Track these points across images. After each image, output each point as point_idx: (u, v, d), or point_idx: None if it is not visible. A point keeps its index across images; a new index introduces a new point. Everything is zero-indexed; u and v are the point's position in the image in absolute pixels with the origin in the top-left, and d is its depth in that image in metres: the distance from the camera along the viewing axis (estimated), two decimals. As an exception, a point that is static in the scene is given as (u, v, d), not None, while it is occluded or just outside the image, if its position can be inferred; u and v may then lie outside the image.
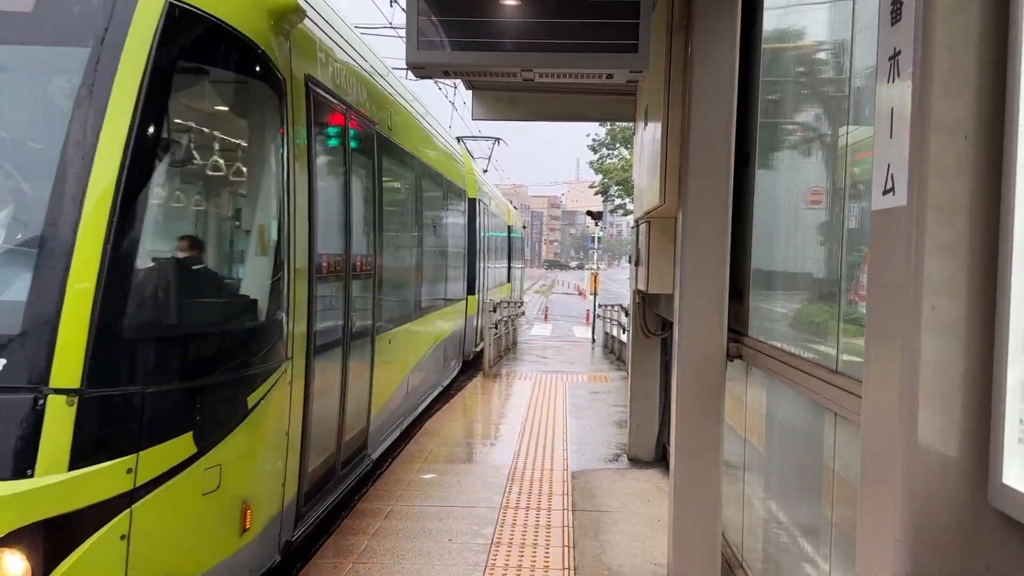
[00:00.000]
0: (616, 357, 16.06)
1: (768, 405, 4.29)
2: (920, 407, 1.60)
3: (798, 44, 4.28)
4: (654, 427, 7.59)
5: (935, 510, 1.59)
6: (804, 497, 3.72)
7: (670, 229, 5.37)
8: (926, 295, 1.60)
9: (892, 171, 1.69)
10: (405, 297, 8.25)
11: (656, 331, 7.38)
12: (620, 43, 4.08)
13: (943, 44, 1.59)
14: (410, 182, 8.62)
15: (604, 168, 33.17)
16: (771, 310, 4.31)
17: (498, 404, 11.04)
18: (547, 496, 6.31)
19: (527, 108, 8.10)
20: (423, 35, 4.12)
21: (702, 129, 4.30)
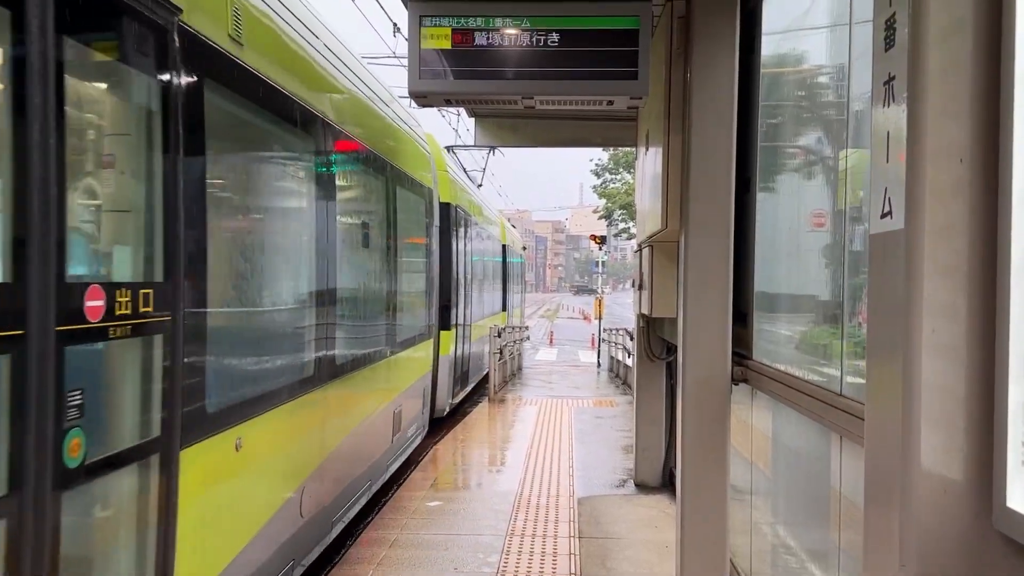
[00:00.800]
0: (622, 381, 16.01)
1: (774, 428, 4.27)
2: (922, 430, 1.60)
3: (797, 69, 4.32)
4: (660, 452, 7.55)
5: (940, 535, 1.58)
6: (812, 521, 3.69)
7: (673, 253, 5.38)
8: (926, 317, 1.60)
9: (889, 195, 1.71)
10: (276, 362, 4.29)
11: (661, 355, 7.36)
12: (620, 70, 4.12)
13: (936, 69, 1.61)
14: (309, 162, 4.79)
15: (607, 193, 33.31)
16: (775, 333, 4.31)
17: (503, 430, 11.00)
18: (553, 523, 6.27)
19: (529, 135, 8.16)
20: (425, 64, 4.17)
21: (703, 154, 4.32)
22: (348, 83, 5.69)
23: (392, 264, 6.90)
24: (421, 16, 4.12)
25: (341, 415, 5.37)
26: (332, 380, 5.00)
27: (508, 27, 4.14)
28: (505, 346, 15.10)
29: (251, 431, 3.72)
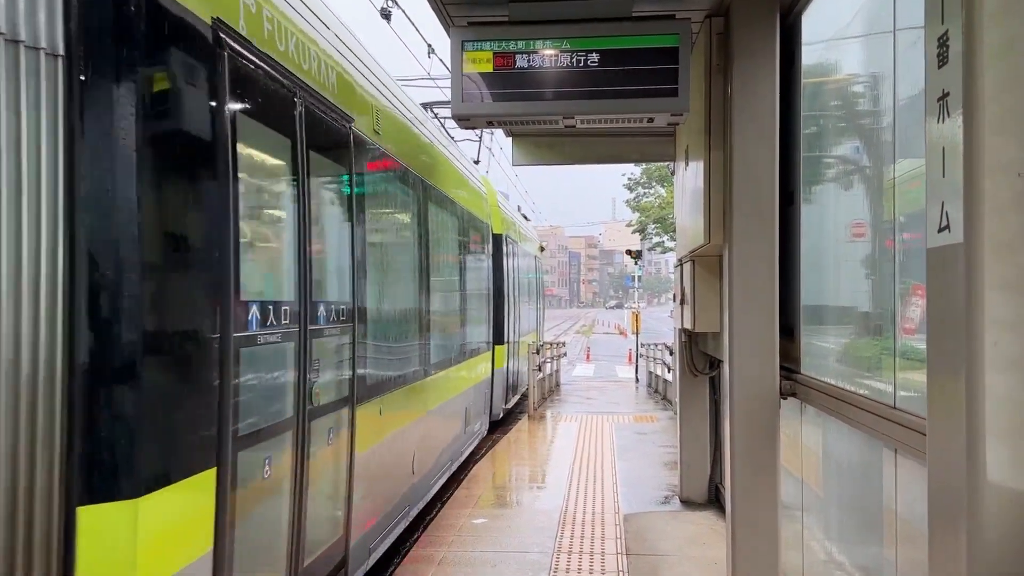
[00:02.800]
0: (661, 396, 15.91)
1: (824, 444, 4.23)
2: (988, 443, 1.60)
3: (839, 78, 4.32)
4: (706, 468, 7.50)
5: (1009, 548, 1.58)
6: (864, 537, 3.65)
7: (715, 267, 5.38)
8: (988, 331, 1.61)
9: (946, 209, 1.72)
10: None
11: (704, 370, 7.33)
12: (660, 88, 4.16)
13: (991, 85, 1.62)
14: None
15: (641, 207, 33.22)
16: (823, 346, 4.28)
17: (544, 446, 10.99)
18: (600, 540, 6.25)
19: (566, 152, 8.20)
20: (468, 87, 4.24)
21: (745, 167, 4.34)
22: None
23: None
24: (463, 41, 4.20)
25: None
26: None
27: (548, 48, 4.21)
28: (544, 362, 15.11)
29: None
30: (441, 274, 7.98)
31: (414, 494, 6.40)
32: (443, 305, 7.85)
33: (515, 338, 13.39)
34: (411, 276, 6.49)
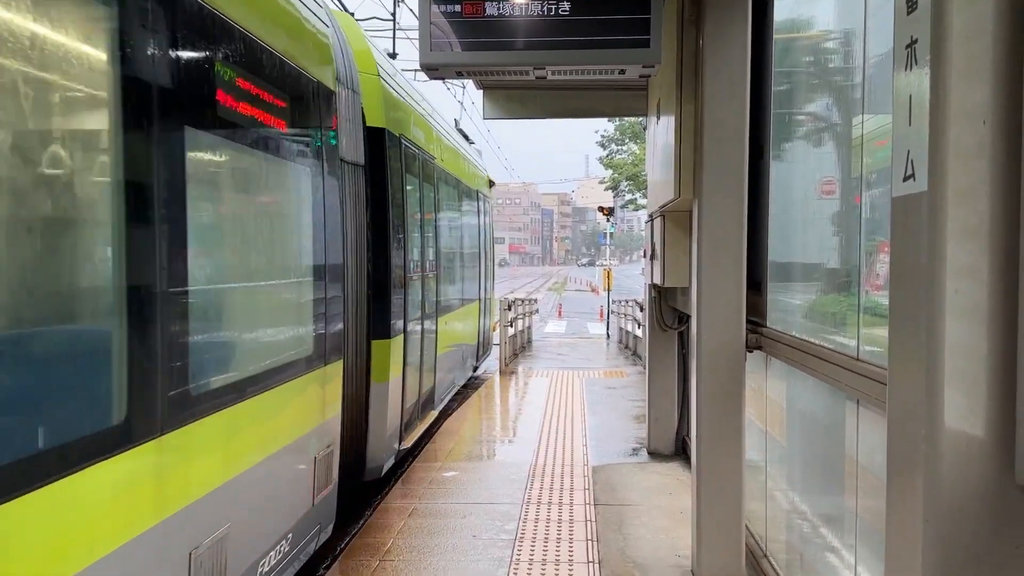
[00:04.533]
0: (631, 352, 16.07)
1: (788, 396, 4.30)
2: (946, 390, 1.62)
3: (810, 34, 4.29)
4: (673, 421, 7.61)
5: (963, 490, 1.61)
6: (827, 487, 3.73)
7: (685, 222, 5.39)
8: (949, 279, 1.62)
9: (912, 157, 1.72)
10: None
11: (672, 325, 7.40)
12: (632, 38, 4.10)
13: (959, 31, 1.61)
14: None
15: (614, 163, 33.15)
16: (789, 301, 4.33)
17: (516, 401, 11.08)
18: (569, 491, 6.34)
19: (538, 106, 8.12)
20: (436, 36, 4.16)
21: (715, 122, 4.32)
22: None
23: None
24: (432, -13, 4.09)
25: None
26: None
27: (519, -4, 4.12)
28: (515, 319, 15.15)
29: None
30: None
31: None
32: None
33: (424, 326, 7.76)
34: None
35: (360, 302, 5.89)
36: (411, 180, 7.19)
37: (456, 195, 10.40)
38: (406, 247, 6.78)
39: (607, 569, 4.73)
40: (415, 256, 7.36)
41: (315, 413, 4.44)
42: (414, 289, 7.19)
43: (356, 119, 5.80)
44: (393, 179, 6.43)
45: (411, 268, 7.03)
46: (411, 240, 7.15)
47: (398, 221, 6.53)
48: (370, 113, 6.14)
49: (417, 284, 7.36)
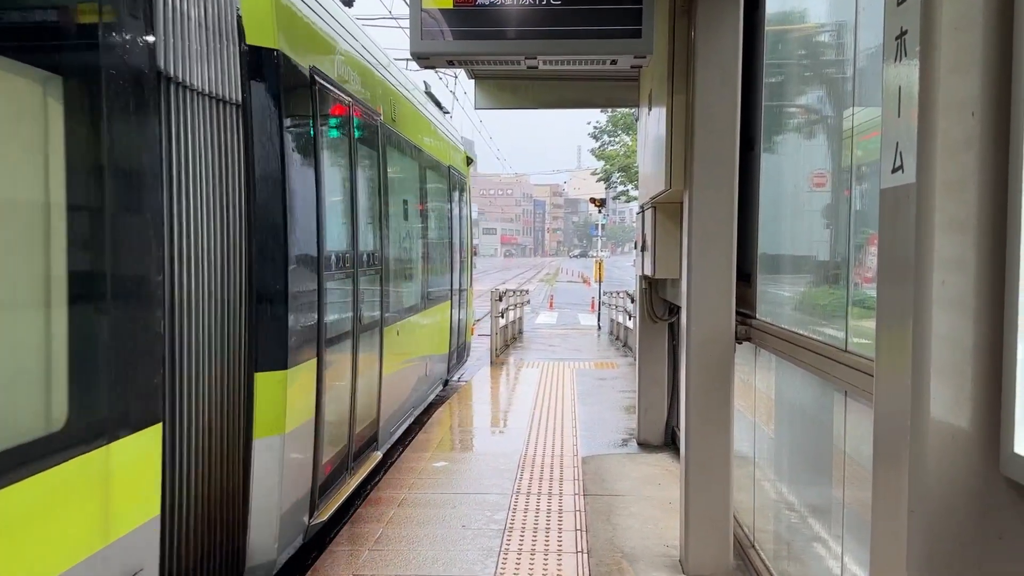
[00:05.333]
0: (622, 344, 16.10)
1: (777, 387, 4.32)
2: (932, 381, 1.63)
3: (802, 26, 4.29)
4: (663, 411, 7.63)
5: (948, 481, 1.62)
6: (814, 478, 3.75)
7: (676, 214, 5.40)
8: (936, 270, 1.63)
9: (900, 149, 1.72)
10: None
11: (663, 316, 7.41)
12: (623, 28, 4.09)
13: (949, 23, 1.61)
14: None
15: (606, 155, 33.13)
16: (779, 293, 4.34)
17: (506, 392, 11.09)
18: (558, 481, 6.36)
19: (530, 96, 8.10)
20: (426, 25, 4.13)
21: (707, 113, 4.32)
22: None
23: None
24: (423, -25, 4.07)
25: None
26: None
27: (511, -14, 4.10)
28: (506, 310, 15.15)
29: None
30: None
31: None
32: None
33: (359, 341, 5.62)
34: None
35: (229, 315, 3.82)
36: (335, 138, 5.25)
37: (417, 169, 8.25)
38: (321, 231, 4.68)
39: (595, 559, 4.75)
40: (341, 244, 5.32)
41: (72, 544, 2.55)
42: (339, 290, 5.17)
43: (220, 28, 3.81)
44: (294, 129, 4.38)
45: (334, 261, 5.02)
46: (334, 222, 5.19)
47: (306, 192, 4.50)
48: (254, 25, 4.14)
49: (344, 283, 5.28)
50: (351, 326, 5.44)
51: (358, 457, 5.80)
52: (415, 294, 8.20)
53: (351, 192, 5.52)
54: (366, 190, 6.07)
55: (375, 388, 6.20)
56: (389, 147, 6.75)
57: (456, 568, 4.62)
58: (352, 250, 5.47)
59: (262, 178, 4.07)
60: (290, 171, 4.27)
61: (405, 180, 7.81)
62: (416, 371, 8.18)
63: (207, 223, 3.64)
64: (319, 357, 4.66)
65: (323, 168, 4.79)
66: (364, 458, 6.01)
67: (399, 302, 7.30)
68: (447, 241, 10.26)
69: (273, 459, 4.12)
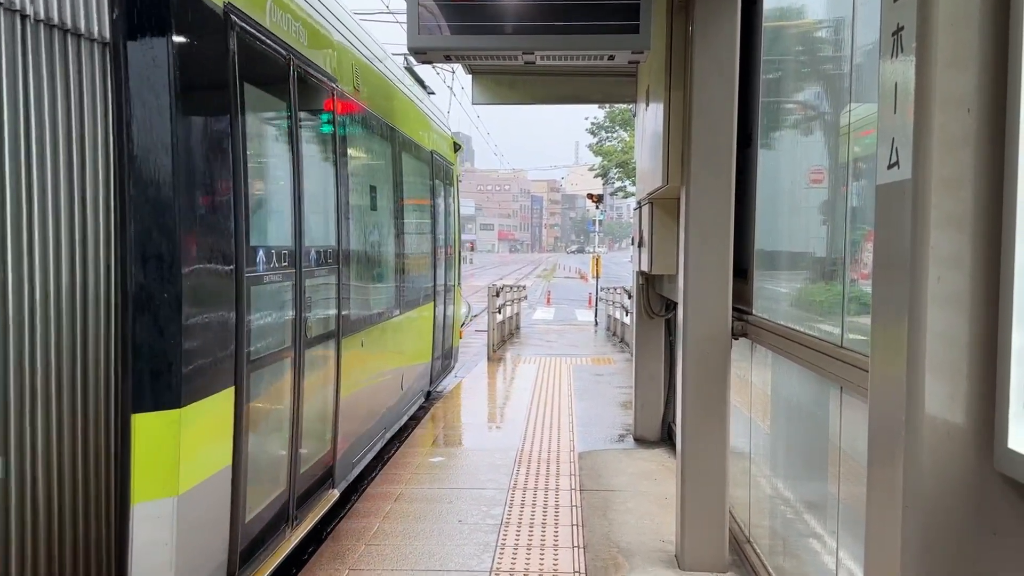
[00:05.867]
0: (619, 339, 16.11)
1: (773, 383, 4.33)
2: (927, 377, 1.63)
3: (799, 23, 4.29)
4: (659, 407, 7.64)
5: (942, 476, 1.62)
6: (810, 473, 3.76)
7: (673, 210, 5.40)
8: (931, 267, 1.63)
9: (896, 145, 1.72)
10: None
11: (660, 312, 7.42)
12: (621, 24, 4.09)
13: (945, 19, 1.61)
14: None
15: (603, 151, 33.12)
16: (775, 289, 4.34)
17: (503, 387, 11.10)
18: (555, 477, 6.37)
19: (527, 92, 8.09)
20: (424, 19, 4.13)
21: (704, 109, 4.31)
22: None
23: None
24: (420, -30, 4.07)
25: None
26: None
27: (508, -20, 4.10)
28: (503, 306, 15.16)
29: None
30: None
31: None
32: None
33: (301, 358, 4.49)
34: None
35: (88, 334, 2.97)
36: (267, 102, 4.20)
37: (389, 151, 7.06)
38: (241, 220, 3.62)
39: (591, 554, 4.76)
40: (278, 236, 4.28)
41: None
42: (272, 295, 4.11)
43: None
44: (197, 82, 3.38)
45: (263, 258, 3.93)
46: (266, 209, 4.27)
47: (216, 169, 3.48)
48: None
49: (281, 286, 4.21)
50: (292, 340, 4.33)
51: (305, 502, 4.65)
52: (387, 296, 6.99)
53: (294, 173, 4.36)
54: (317, 172, 4.91)
55: (329, 414, 5.08)
56: (351, 122, 5.64)
57: (453, 563, 4.63)
58: (295, 244, 4.34)
59: (143, 147, 3.05)
60: (188, 139, 3.26)
61: (374, 164, 6.61)
62: (389, 387, 7.07)
63: (47, 206, 2.79)
64: (239, 384, 3.58)
65: (247, 140, 3.71)
66: (314, 501, 4.84)
67: (365, 306, 6.11)
68: (429, 235, 9.08)
69: (161, 530, 3.09)
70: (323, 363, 4.98)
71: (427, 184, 9.02)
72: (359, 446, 5.97)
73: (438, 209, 9.64)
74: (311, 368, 4.64)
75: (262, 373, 3.96)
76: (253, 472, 3.83)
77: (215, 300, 3.44)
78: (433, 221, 9.32)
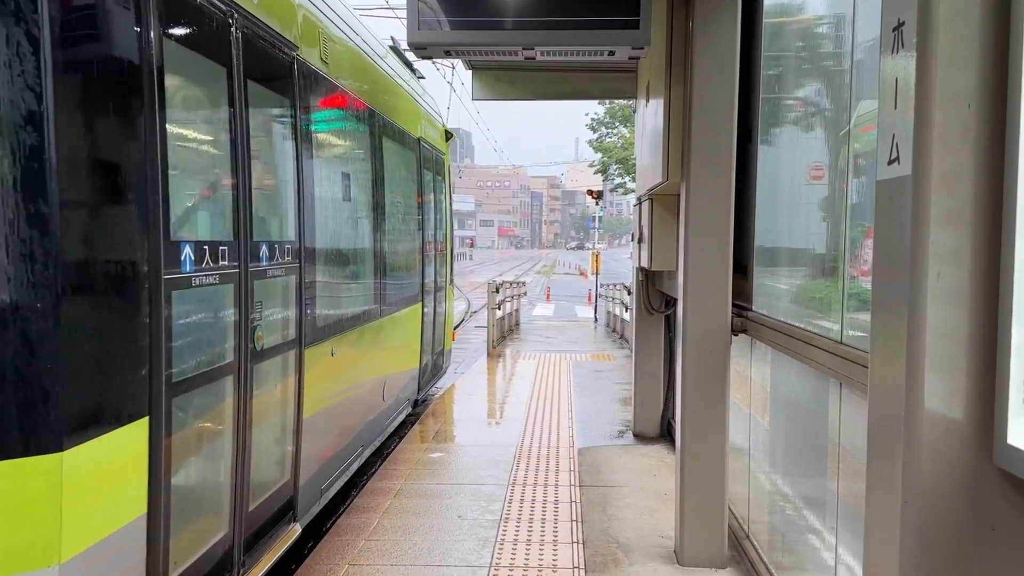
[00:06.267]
0: (619, 336, 16.12)
1: (772, 380, 4.33)
2: (926, 372, 1.64)
3: (800, 18, 4.28)
4: (659, 403, 7.65)
5: (941, 472, 1.63)
6: (809, 470, 3.77)
7: (673, 206, 5.40)
8: (931, 263, 1.63)
9: (897, 141, 1.72)
10: None
11: (660, 308, 7.42)
12: (621, 19, 4.09)
13: (946, 15, 1.61)
14: None
15: (603, 147, 33.08)
16: (775, 285, 4.34)
17: (503, 383, 11.11)
18: (554, 472, 6.38)
19: (527, 87, 8.07)
20: (424, 15, 4.13)
21: (704, 105, 4.31)
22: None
23: None
24: (420, -35, 4.06)
25: None
26: None
27: (508, -24, 4.09)
28: (503, 302, 15.16)
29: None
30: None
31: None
32: None
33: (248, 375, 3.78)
34: None
35: None
36: (195, 60, 3.43)
37: (366, 135, 6.30)
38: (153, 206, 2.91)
39: (591, 549, 4.76)
40: (214, 228, 3.66)
41: None
42: (205, 300, 3.47)
43: None
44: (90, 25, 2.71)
45: (192, 254, 3.25)
46: (197, 195, 3.66)
47: (117, 138, 2.82)
48: None
49: (221, 289, 3.55)
50: (236, 354, 3.61)
51: (256, 543, 3.94)
52: (365, 298, 6.20)
53: (237, 155, 3.62)
54: (271, 155, 4.31)
55: (289, 437, 4.40)
56: (313, 96, 4.83)
57: (452, 558, 4.64)
58: (238, 239, 3.61)
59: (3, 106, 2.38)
60: (75, 101, 2.59)
61: (346, 148, 5.82)
62: (367, 399, 6.28)
63: None
64: (155, 413, 2.92)
65: (168, 109, 3.03)
66: (271, 540, 4.13)
67: (336, 310, 5.36)
68: (416, 229, 8.27)
69: None
70: (279, 378, 4.28)
71: (414, 174, 8.24)
72: (329, 469, 5.20)
73: (426, 201, 8.83)
74: (262, 385, 3.97)
75: (191, 396, 3.28)
76: (180, 519, 3.13)
77: (115, 308, 2.74)
78: (421, 214, 8.50)
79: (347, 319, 5.58)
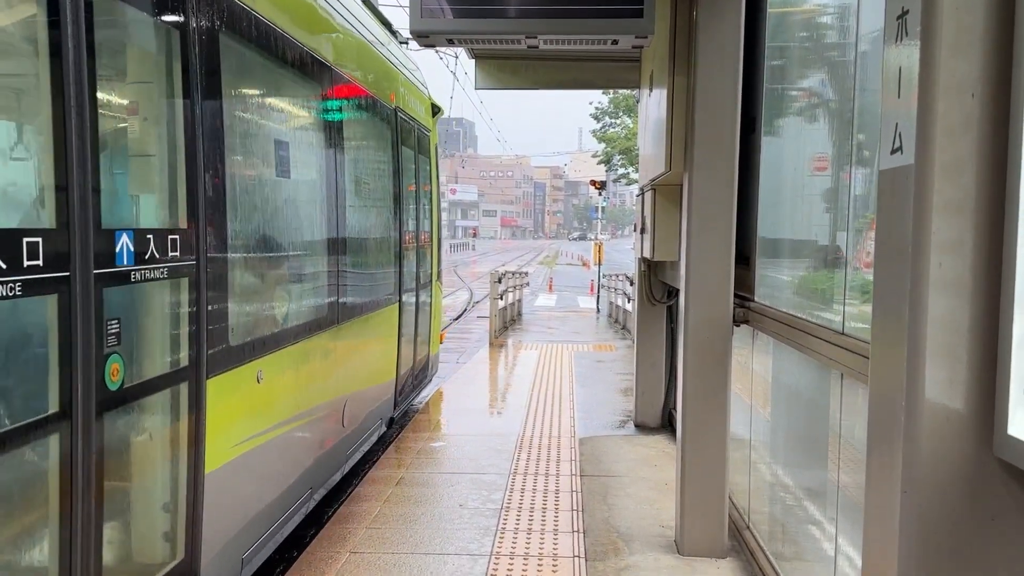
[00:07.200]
0: (621, 326, 16.12)
1: (774, 370, 4.33)
2: (927, 362, 1.63)
3: (804, 8, 4.26)
4: (660, 394, 7.65)
5: (941, 462, 1.63)
6: (809, 460, 3.77)
7: (676, 196, 5.38)
8: (933, 252, 1.63)
9: (900, 130, 1.71)
10: None
11: (662, 299, 7.41)
12: (625, 8, 4.06)
13: (950, 3, 1.60)
14: None
15: (607, 137, 32.98)
16: (777, 276, 4.34)
17: (505, 373, 11.12)
18: (555, 462, 6.39)
19: (530, 77, 8.05)
20: (426, 3, 4.10)
21: (707, 95, 4.30)
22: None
23: None
24: (423, -48, 4.04)
25: None
26: None
27: (511, -37, 4.06)
28: (505, 292, 15.16)
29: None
30: None
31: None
32: None
33: (101, 437, 2.59)
34: None
35: None
36: None
37: (322, 102, 5.00)
38: None
39: (591, 538, 4.78)
40: (31, 212, 2.49)
41: None
42: (9, 321, 2.29)
43: None
44: None
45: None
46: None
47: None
48: None
49: (32, 304, 2.33)
50: (69, 398, 2.43)
51: None
52: (314, 302, 4.89)
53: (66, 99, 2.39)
54: (166, 118, 3.18)
55: (180, 504, 3.24)
56: (247, 49, 3.84)
57: (453, 546, 4.65)
58: (69, 230, 2.42)
59: None
60: None
61: (279, 109, 4.54)
62: (317, 429, 4.96)
63: None
64: None
65: None
66: None
67: (267, 322, 4.16)
68: (391, 216, 6.86)
69: None
70: (158, 424, 3.15)
71: (387, 150, 6.79)
72: (256, 529, 4.00)
73: (404, 183, 7.25)
74: (121, 439, 2.90)
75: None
76: None
77: None
78: (397, 199, 7.01)
79: (285, 331, 4.34)
